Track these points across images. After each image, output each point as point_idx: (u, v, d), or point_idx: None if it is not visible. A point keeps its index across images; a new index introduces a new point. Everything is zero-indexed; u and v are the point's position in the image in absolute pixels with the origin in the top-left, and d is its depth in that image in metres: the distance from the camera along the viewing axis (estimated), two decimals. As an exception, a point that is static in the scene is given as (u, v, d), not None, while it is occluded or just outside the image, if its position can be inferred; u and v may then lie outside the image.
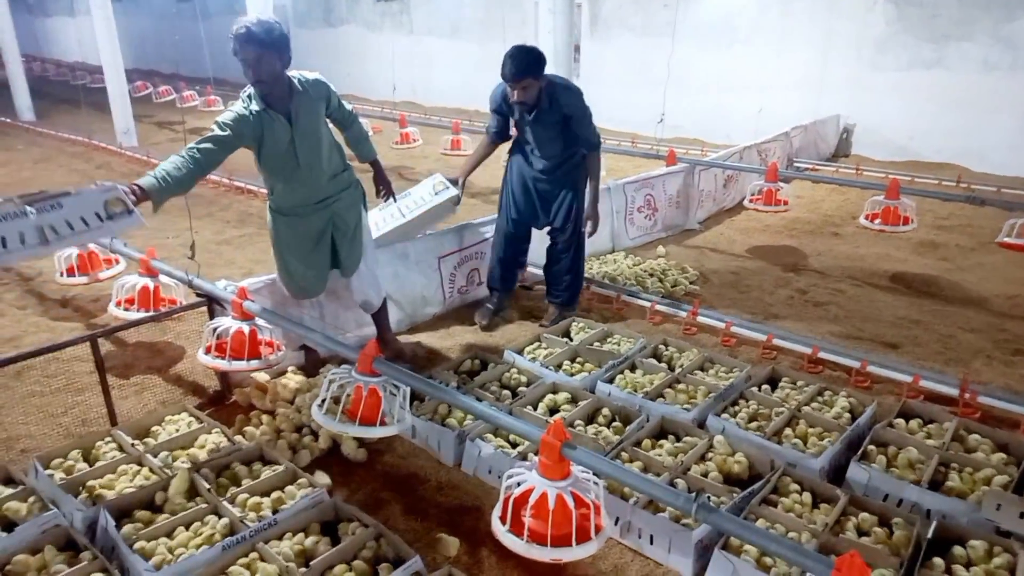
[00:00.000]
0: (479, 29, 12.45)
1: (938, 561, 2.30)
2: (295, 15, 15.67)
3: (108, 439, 3.02)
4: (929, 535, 2.41)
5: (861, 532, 2.49)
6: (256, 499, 2.60)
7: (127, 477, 2.77)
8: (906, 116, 8.53)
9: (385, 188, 3.66)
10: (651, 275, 4.99)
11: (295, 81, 3.06)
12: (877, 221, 5.14)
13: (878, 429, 3.01)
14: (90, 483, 2.71)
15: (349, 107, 3.39)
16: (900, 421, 3.11)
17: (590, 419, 3.22)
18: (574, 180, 4.07)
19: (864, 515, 2.53)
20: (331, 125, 3.31)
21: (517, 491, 2.24)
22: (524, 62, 3.63)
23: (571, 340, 3.97)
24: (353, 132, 3.45)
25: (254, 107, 2.99)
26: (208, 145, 2.88)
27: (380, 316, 3.73)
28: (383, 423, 2.64)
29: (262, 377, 3.50)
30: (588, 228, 4.15)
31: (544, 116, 3.87)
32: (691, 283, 4.97)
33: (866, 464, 2.80)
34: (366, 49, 14.35)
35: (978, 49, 7.90)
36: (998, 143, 7.93)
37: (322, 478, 2.83)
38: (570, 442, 2.19)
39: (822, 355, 3.81)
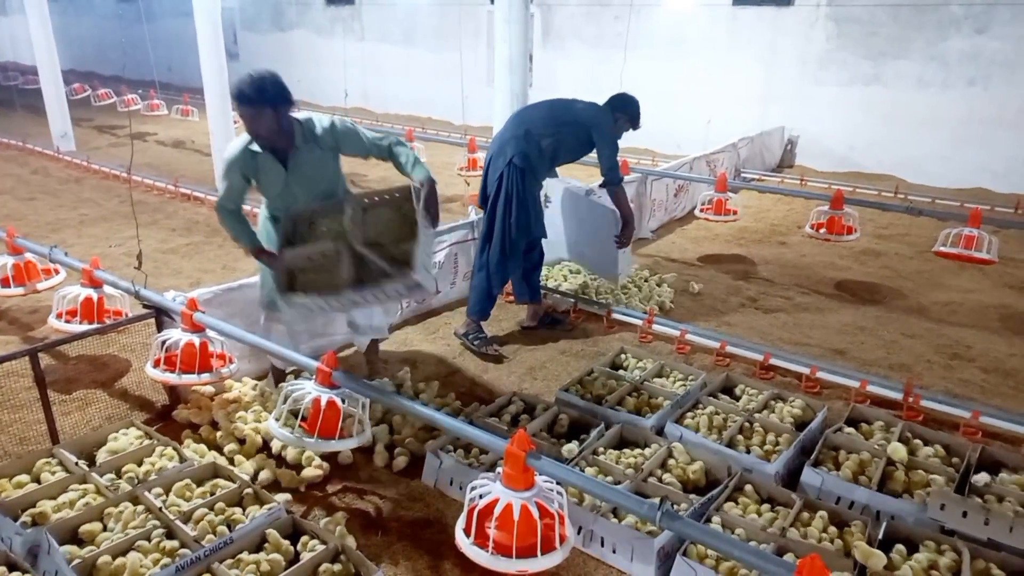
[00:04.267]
0: (433, 37, 12.41)
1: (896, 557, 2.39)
2: (243, 19, 15.34)
3: (50, 458, 2.88)
4: (880, 535, 2.49)
5: (816, 534, 2.55)
6: (211, 517, 2.51)
7: (71, 498, 2.64)
8: (846, 129, 8.86)
9: (432, 213, 2.88)
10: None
11: (303, 130, 3.02)
12: (822, 231, 5.31)
13: (829, 434, 3.10)
14: (29, 505, 2.58)
15: (384, 139, 3.13)
16: (849, 426, 3.21)
17: (550, 428, 3.24)
18: None
19: (819, 518, 2.60)
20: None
21: (481, 503, 2.23)
22: None
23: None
24: (398, 161, 3.08)
25: (252, 148, 3.01)
26: (226, 198, 3.08)
27: (376, 343, 3.76)
28: (342, 436, 2.59)
29: (206, 391, 3.40)
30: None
31: None
32: (658, 287, 5.02)
33: (819, 468, 2.88)
34: (317, 54, 14.13)
35: (913, 67, 8.27)
36: (932, 155, 8.31)
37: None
38: (534, 452, 2.18)
39: (773, 361, 3.91)
